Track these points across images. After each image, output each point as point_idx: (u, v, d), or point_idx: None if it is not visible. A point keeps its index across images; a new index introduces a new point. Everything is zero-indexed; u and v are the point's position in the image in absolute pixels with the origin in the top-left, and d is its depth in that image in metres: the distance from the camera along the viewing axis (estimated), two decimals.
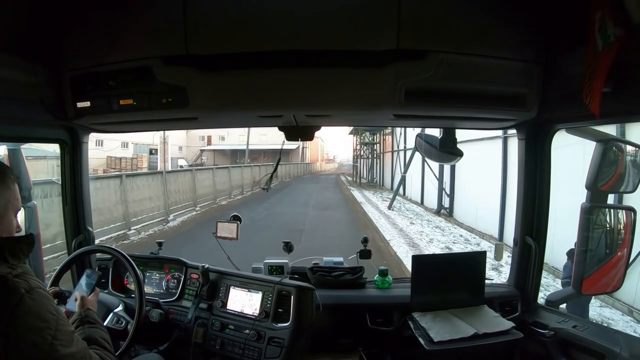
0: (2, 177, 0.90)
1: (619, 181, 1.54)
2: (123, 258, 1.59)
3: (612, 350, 1.36)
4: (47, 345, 0.79)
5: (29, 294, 0.79)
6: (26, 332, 0.77)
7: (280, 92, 1.26)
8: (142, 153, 25.86)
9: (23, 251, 0.87)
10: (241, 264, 1.91)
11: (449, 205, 11.67)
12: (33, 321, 0.78)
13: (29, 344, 0.77)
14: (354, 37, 1.15)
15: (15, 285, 0.79)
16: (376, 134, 24.65)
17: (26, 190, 2.18)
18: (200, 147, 39.39)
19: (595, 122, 1.40)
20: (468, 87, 1.28)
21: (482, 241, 8.73)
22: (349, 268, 1.93)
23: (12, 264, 0.83)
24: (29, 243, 0.89)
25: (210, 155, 38.75)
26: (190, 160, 35.10)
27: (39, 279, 0.87)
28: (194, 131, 33.77)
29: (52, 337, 0.80)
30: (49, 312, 0.82)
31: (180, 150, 37.17)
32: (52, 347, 0.79)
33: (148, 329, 1.64)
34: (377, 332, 1.72)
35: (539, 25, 1.25)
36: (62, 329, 0.83)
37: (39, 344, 0.78)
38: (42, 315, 0.80)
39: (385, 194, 19.30)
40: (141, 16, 1.21)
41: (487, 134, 8.49)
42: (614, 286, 1.57)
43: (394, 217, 12.06)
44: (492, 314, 1.67)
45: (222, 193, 15.59)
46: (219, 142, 39.03)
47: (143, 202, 9.88)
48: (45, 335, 0.79)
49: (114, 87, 1.31)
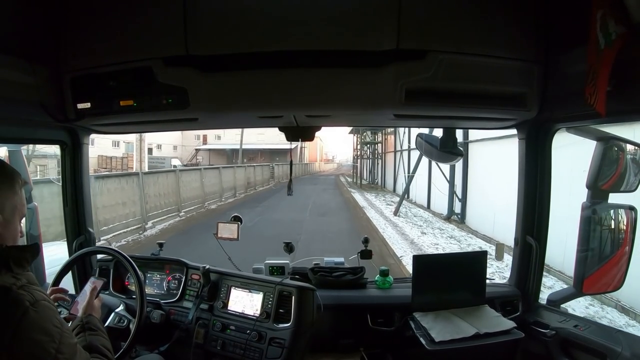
0: (11, 182, 0.89)
1: (620, 180, 1.53)
2: (124, 259, 1.59)
3: (613, 349, 1.36)
4: (50, 359, 0.78)
5: (33, 307, 0.78)
6: (30, 345, 0.76)
7: (280, 92, 1.26)
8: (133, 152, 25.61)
9: (27, 260, 0.86)
10: (242, 265, 1.91)
11: (460, 210, 10.69)
12: (37, 335, 0.77)
13: (32, 358, 0.77)
14: (354, 37, 1.15)
15: (20, 298, 0.78)
16: (378, 133, 23.84)
17: (26, 192, 2.18)
18: (195, 146, 38.67)
19: (595, 122, 1.40)
20: (468, 87, 1.28)
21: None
22: (349, 268, 1.94)
23: (17, 273, 0.82)
24: (34, 252, 0.89)
25: (206, 155, 38.04)
26: (185, 160, 34.57)
27: (43, 290, 0.86)
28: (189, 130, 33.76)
29: (56, 350, 0.79)
30: (53, 325, 0.81)
31: (175, 149, 36.54)
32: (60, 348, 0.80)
33: (149, 329, 1.64)
34: (378, 332, 1.72)
35: (539, 24, 1.25)
36: (66, 341, 0.82)
37: (42, 358, 0.77)
38: (47, 328, 0.79)
39: (388, 196, 18.43)
40: (141, 17, 1.21)
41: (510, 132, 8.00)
42: (615, 285, 1.57)
43: (402, 225, 10.85)
44: (493, 314, 1.67)
45: (211, 196, 14.60)
46: (215, 141, 38.42)
47: (115, 208, 8.76)
48: (49, 349, 0.79)
49: (115, 88, 1.31)
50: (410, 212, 13.20)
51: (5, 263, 0.81)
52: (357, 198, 17.81)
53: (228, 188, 16.55)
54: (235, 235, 1.87)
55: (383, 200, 17.01)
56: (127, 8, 1.21)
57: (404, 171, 17.40)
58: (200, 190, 13.66)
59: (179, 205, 11.90)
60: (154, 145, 32.47)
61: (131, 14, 1.22)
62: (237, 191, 17.49)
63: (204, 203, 13.63)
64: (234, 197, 16.80)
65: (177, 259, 1.91)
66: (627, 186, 1.54)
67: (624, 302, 4.83)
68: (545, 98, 1.33)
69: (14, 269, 0.82)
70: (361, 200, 16.81)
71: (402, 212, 12.77)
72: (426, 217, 12.31)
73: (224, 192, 15.99)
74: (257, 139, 33.89)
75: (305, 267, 1.96)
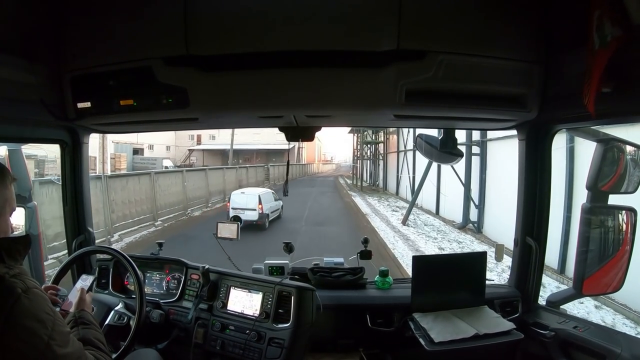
0: (2, 177, 0.90)
1: (620, 182, 1.53)
2: (123, 259, 1.59)
3: (612, 350, 1.36)
4: (43, 345, 0.79)
5: (25, 294, 0.79)
6: (22, 332, 0.77)
7: (280, 92, 1.26)
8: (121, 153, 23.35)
9: (20, 252, 0.87)
10: (242, 265, 1.91)
11: (477, 218, 9.58)
12: (29, 321, 0.78)
13: (25, 344, 0.77)
14: (354, 38, 1.15)
15: (12, 285, 0.79)
16: (380, 132, 22.43)
17: (26, 191, 2.18)
18: (189, 146, 36.63)
19: (595, 123, 1.40)
20: (468, 88, 1.28)
21: (562, 285, 5.85)
22: (349, 269, 1.93)
23: (9, 264, 0.83)
24: (26, 244, 0.90)
25: (200, 156, 36.30)
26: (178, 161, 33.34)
27: (35, 280, 0.86)
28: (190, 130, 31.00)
29: (49, 337, 0.80)
30: (45, 312, 0.82)
31: (168, 150, 35.20)
32: (49, 347, 0.80)
33: (148, 329, 1.64)
34: (377, 333, 1.72)
35: (539, 25, 1.25)
36: (58, 329, 0.83)
37: (35, 344, 0.78)
38: (39, 315, 0.80)
39: (392, 200, 17.45)
40: (142, 16, 1.21)
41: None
42: (615, 287, 1.57)
43: (413, 237, 9.60)
44: (493, 315, 1.67)
45: (196, 201, 13.24)
46: (210, 141, 36.15)
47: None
48: (42, 335, 0.79)
49: (115, 88, 1.31)
50: (418, 219, 11.82)
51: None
52: (358, 203, 16.61)
53: (216, 192, 15.30)
54: (235, 235, 1.88)
55: (387, 205, 15.82)
56: (128, 8, 1.21)
57: (408, 172, 16.49)
58: (182, 196, 12.33)
59: (155, 214, 10.48)
60: (145, 145, 31.17)
61: (131, 14, 1.22)
62: (227, 195, 15.53)
63: (186, 210, 12.34)
64: (224, 201, 15.08)
65: (176, 259, 1.91)
66: (627, 187, 1.54)
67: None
68: (545, 99, 1.33)
69: (6, 260, 0.83)
70: (363, 206, 15.51)
71: (411, 219, 11.57)
72: (437, 225, 11.03)
73: (212, 196, 14.68)
74: (253, 139, 32.64)
75: (305, 267, 1.96)
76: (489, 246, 8.19)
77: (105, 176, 9.43)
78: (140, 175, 10.92)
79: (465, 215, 9.90)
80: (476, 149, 9.96)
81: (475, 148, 9.99)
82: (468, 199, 9.75)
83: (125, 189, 9.43)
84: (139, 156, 28.10)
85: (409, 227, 10.67)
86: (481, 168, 9.72)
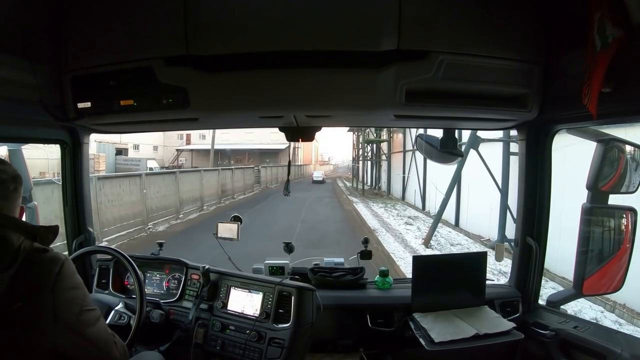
0: (19, 184, 1.01)
1: (620, 182, 1.53)
2: (124, 259, 1.59)
3: (612, 350, 1.36)
4: (80, 300, 0.97)
5: (67, 261, 0.96)
6: (69, 289, 0.94)
7: (280, 92, 1.26)
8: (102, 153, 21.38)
9: (49, 239, 1.00)
10: (242, 265, 1.91)
11: (515, 235, 5.47)
12: (71, 281, 0.96)
13: (70, 298, 0.94)
14: (354, 38, 1.15)
15: (57, 254, 0.96)
16: (383, 130, 19.97)
17: (27, 191, 2.19)
18: (177, 146, 35.00)
19: (596, 123, 1.40)
20: (468, 88, 1.28)
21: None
22: (349, 269, 1.93)
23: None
24: (55, 232, 1.02)
25: (189, 156, 34.75)
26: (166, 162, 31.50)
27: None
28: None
29: (84, 295, 0.99)
30: (77, 277, 0.99)
31: (155, 150, 33.44)
32: (85, 301, 0.98)
33: (149, 329, 1.64)
34: (377, 333, 1.72)
35: (540, 25, 1.26)
36: (87, 300, 1.00)
37: (77, 298, 0.96)
38: (76, 277, 0.98)
39: (399, 206, 15.37)
40: (142, 17, 1.21)
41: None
42: (615, 287, 1.57)
43: None
44: (493, 315, 1.67)
45: (161, 213, 11.09)
46: (200, 141, 33.86)
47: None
48: (80, 294, 0.98)
49: (115, 88, 1.31)
50: (440, 236, 9.24)
51: (35, 238, 0.96)
52: (361, 212, 13.88)
53: (190, 200, 13.19)
54: (235, 235, 1.87)
55: (396, 213, 13.28)
56: (128, 8, 1.21)
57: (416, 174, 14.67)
58: (141, 206, 10.18)
59: (99, 231, 8.15)
60: (130, 145, 29.47)
61: (132, 14, 1.22)
62: (204, 203, 14.09)
63: (146, 225, 10.29)
64: (200, 211, 13.48)
65: (176, 259, 1.91)
66: (627, 187, 1.54)
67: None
68: (545, 99, 1.33)
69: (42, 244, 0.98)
70: (369, 217, 12.69)
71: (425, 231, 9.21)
72: (465, 243, 8.74)
73: (184, 205, 12.61)
74: (245, 138, 31.33)
75: (305, 267, 1.96)
76: (545, 280, 5.55)
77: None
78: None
79: (502, 231, 7.44)
80: (515, 146, 7.07)
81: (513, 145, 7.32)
82: (505, 210, 7.30)
83: (50, 200, 6.13)
84: (122, 157, 26.85)
85: (432, 249, 8.38)
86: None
